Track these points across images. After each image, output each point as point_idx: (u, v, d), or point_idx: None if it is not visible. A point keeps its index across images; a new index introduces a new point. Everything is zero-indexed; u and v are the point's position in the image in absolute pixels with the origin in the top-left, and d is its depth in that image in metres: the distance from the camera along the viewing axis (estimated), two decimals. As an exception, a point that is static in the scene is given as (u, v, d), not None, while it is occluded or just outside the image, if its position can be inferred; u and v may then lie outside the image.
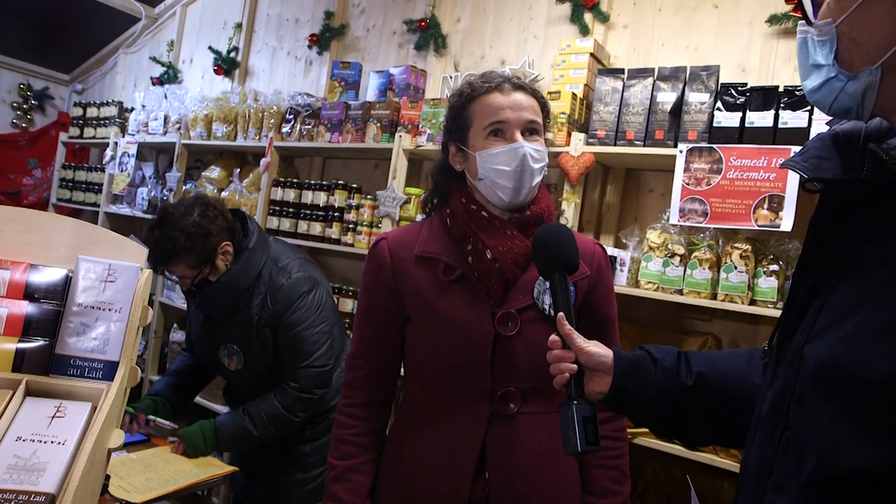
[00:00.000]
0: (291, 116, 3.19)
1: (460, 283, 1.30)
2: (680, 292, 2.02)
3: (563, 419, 0.99)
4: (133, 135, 4.03)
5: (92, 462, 0.86)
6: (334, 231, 2.92)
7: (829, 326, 0.66)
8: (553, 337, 1.06)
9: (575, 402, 0.99)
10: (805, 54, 0.74)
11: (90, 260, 1.00)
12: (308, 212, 3.02)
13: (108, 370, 0.97)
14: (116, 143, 4.07)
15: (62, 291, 0.99)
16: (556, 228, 1.16)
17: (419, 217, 2.62)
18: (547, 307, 1.28)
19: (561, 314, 1.06)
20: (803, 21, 0.74)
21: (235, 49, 4.09)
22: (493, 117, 1.29)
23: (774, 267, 1.90)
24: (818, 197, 0.74)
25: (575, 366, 1.02)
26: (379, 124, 2.83)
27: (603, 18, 2.59)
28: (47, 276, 0.99)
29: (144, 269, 1.04)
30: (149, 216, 3.81)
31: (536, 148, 1.29)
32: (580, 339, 1.03)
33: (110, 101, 4.53)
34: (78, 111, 4.71)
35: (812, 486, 0.63)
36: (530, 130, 1.31)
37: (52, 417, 0.91)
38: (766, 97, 1.97)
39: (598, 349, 1.03)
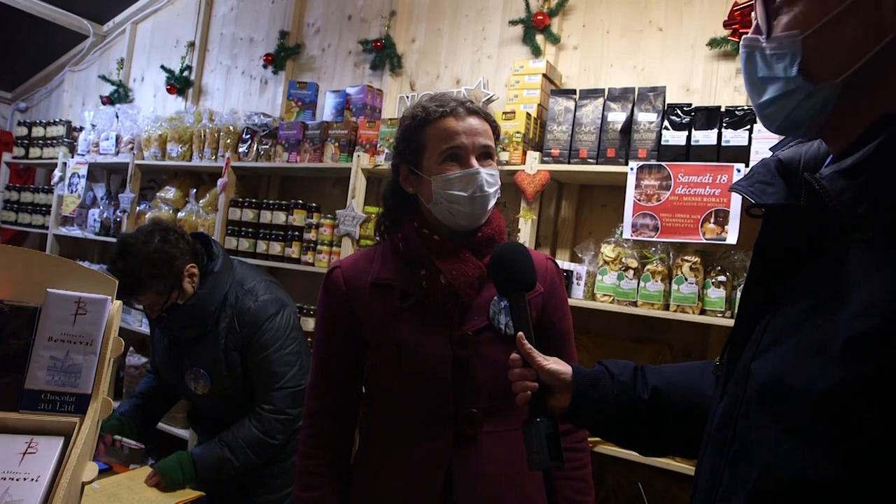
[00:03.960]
0: (248, 136, 3.19)
1: (416, 309, 1.31)
2: (634, 304, 2.10)
3: (527, 436, 1.02)
4: (83, 155, 3.95)
5: (67, 497, 0.87)
6: (294, 250, 2.93)
7: (773, 345, 0.69)
8: (514, 355, 1.08)
9: (538, 419, 1.02)
10: (752, 68, 0.74)
11: (60, 293, 1.00)
12: (267, 231, 3.02)
13: (81, 403, 0.97)
14: (65, 164, 3.97)
15: (30, 326, 0.99)
16: (513, 248, 1.18)
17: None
18: (503, 326, 1.31)
19: (521, 333, 1.07)
20: (749, 36, 0.75)
21: (189, 68, 4.06)
22: (449, 142, 1.29)
23: (722, 278, 1.99)
24: (762, 219, 0.77)
25: (536, 384, 1.04)
26: (337, 144, 2.86)
27: (554, 40, 2.68)
28: (15, 310, 0.99)
29: (114, 300, 1.05)
30: (101, 238, 3.73)
31: (491, 173, 1.31)
32: (540, 358, 1.06)
33: (58, 120, 4.42)
34: (22, 130, 4.58)
35: (757, 496, 0.66)
36: (484, 155, 1.33)
37: (24, 454, 0.91)
38: (709, 117, 2.08)
39: (557, 366, 1.05)
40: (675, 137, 2.12)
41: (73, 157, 4.02)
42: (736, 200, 1.96)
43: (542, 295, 1.39)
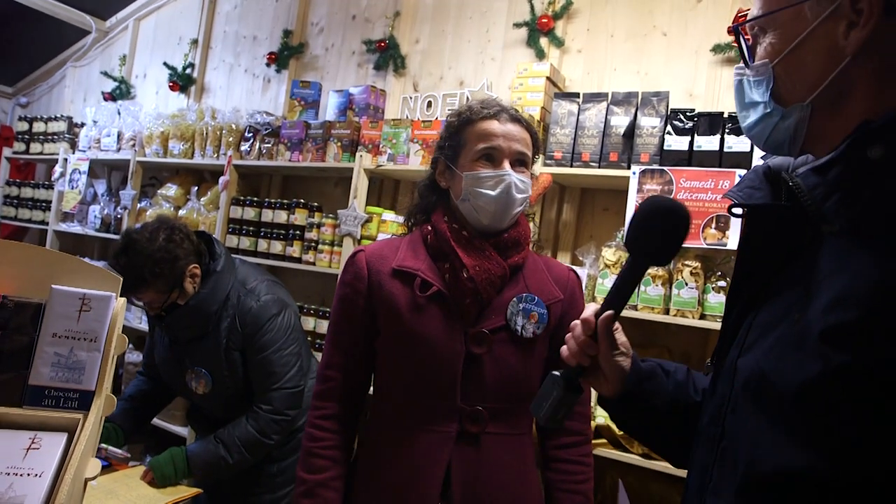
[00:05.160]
0: (250, 135, 3.19)
1: (435, 301, 1.32)
2: (635, 308, 2.10)
3: (547, 387, 0.95)
4: (84, 151, 3.94)
5: (71, 493, 0.87)
6: (295, 250, 2.93)
7: (756, 341, 0.72)
8: (589, 318, 0.94)
9: (561, 386, 0.94)
10: (741, 94, 0.81)
11: (64, 290, 1.00)
12: (268, 230, 3.02)
13: (84, 399, 0.97)
14: (66, 160, 3.97)
15: (35, 322, 0.99)
16: (685, 220, 0.88)
17: (381, 236, 2.65)
18: (519, 328, 1.32)
19: (611, 312, 0.92)
20: (739, 65, 0.82)
21: (191, 65, 4.05)
22: (486, 143, 1.33)
23: (722, 283, 2.00)
24: (745, 223, 0.81)
25: (589, 361, 0.94)
26: (339, 144, 2.86)
27: (558, 43, 2.68)
28: (19, 306, 0.99)
29: (118, 297, 1.05)
30: (102, 234, 3.73)
31: (522, 179, 1.34)
32: (614, 348, 0.94)
33: (59, 115, 4.42)
34: (23, 126, 4.57)
35: (745, 489, 0.68)
36: (519, 161, 1.35)
37: (28, 449, 0.91)
38: (712, 122, 2.08)
39: (624, 361, 0.96)
40: (677, 142, 2.12)
41: (73, 153, 4.01)
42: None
43: (561, 302, 1.40)
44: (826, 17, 0.70)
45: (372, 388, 1.46)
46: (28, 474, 0.87)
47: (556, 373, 0.95)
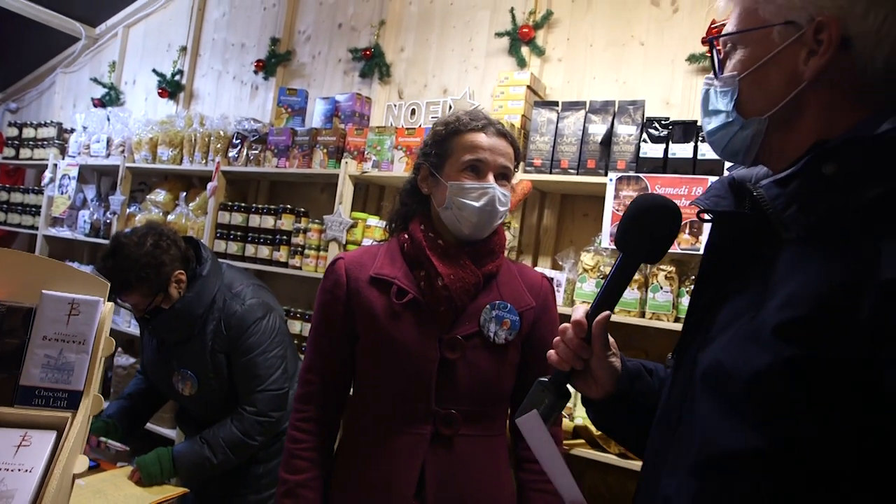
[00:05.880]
0: (238, 141, 3.23)
1: (411, 308, 1.37)
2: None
3: (536, 395, 0.95)
4: (74, 157, 3.97)
5: (59, 488, 0.91)
6: (282, 254, 2.98)
7: (716, 336, 0.78)
8: (581, 320, 0.93)
9: (552, 392, 0.94)
10: (707, 102, 0.87)
11: (54, 294, 1.05)
12: (256, 235, 3.07)
13: (73, 399, 1.02)
14: (56, 165, 4.00)
15: (26, 325, 1.04)
16: (675, 210, 0.91)
17: (366, 241, 2.70)
18: (492, 334, 1.37)
19: (607, 313, 0.92)
20: (709, 75, 0.89)
21: (180, 72, 4.10)
22: (473, 154, 1.37)
23: (696, 286, 2.06)
24: (711, 228, 0.88)
25: (582, 364, 0.95)
26: (325, 150, 2.91)
27: (539, 52, 2.75)
28: (11, 310, 1.04)
29: (106, 302, 1.10)
30: (91, 239, 3.76)
31: (504, 192, 1.39)
32: (608, 349, 0.95)
33: (49, 121, 4.44)
34: (13, 131, 4.59)
35: (698, 468, 0.74)
36: (502, 175, 1.40)
37: (19, 446, 0.95)
38: (686, 131, 2.15)
39: (617, 363, 0.97)
40: (652, 150, 2.19)
41: (63, 158, 4.04)
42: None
43: (534, 309, 1.44)
44: (791, 42, 0.77)
45: (352, 391, 1.51)
46: (19, 470, 0.91)
47: (545, 379, 0.95)
